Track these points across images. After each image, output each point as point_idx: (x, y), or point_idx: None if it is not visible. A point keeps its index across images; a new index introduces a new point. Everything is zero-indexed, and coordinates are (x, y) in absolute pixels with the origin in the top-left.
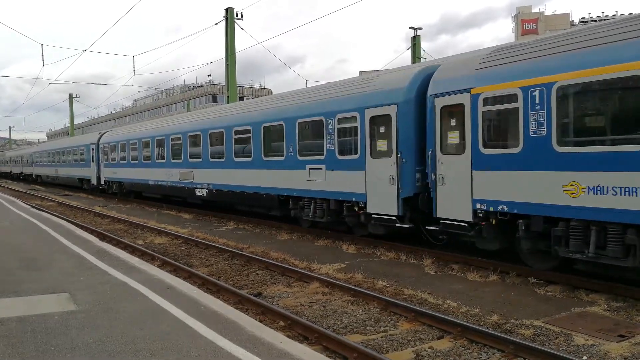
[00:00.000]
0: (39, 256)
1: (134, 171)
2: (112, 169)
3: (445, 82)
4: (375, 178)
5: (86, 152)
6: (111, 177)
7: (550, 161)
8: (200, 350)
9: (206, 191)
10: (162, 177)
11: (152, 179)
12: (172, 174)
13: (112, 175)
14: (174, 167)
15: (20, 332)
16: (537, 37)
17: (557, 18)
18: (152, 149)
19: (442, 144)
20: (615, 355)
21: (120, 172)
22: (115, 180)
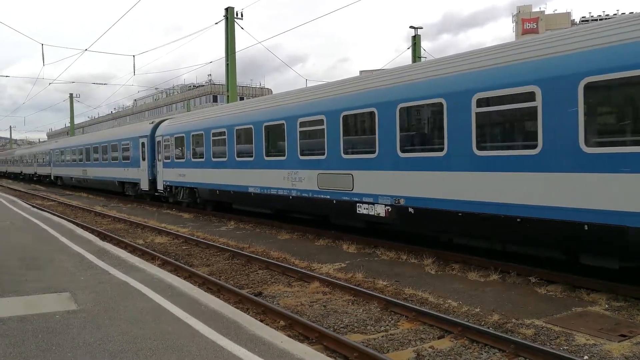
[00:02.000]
0: (40, 256)
1: (220, 173)
2: (179, 169)
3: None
4: None
5: (133, 147)
6: (176, 180)
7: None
8: (200, 350)
9: (388, 208)
10: (278, 182)
11: (256, 185)
12: (302, 178)
13: (177, 178)
14: (306, 168)
15: (22, 331)
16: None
17: (558, 17)
18: (258, 141)
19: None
20: (616, 355)
21: (192, 175)
22: (183, 185)
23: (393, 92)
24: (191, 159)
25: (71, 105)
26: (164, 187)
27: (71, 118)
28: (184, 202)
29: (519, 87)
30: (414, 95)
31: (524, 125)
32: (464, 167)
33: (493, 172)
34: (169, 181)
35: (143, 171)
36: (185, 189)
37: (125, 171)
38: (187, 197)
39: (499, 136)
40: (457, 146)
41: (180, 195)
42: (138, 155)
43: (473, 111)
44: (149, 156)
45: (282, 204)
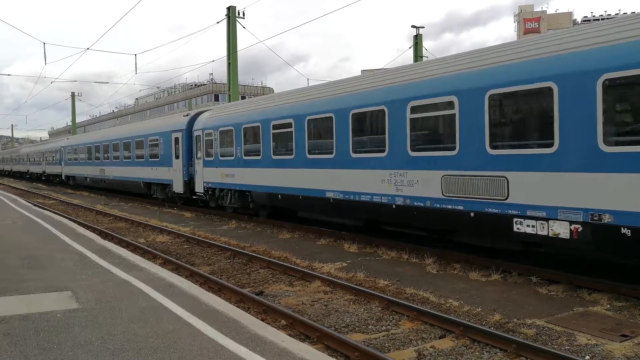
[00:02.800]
0: (41, 254)
1: (283, 173)
2: (226, 169)
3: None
4: None
5: (163, 143)
6: (221, 182)
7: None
8: (202, 349)
9: (578, 227)
10: (373, 185)
11: (338, 189)
12: (414, 181)
13: (223, 179)
14: (420, 168)
15: (23, 330)
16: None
17: (560, 17)
18: (341, 133)
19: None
20: (617, 355)
21: (244, 175)
22: (231, 187)
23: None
24: (242, 156)
25: (73, 104)
26: (204, 190)
27: (73, 117)
28: (229, 208)
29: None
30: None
31: None
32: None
33: None
34: (212, 183)
35: (176, 171)
36: (234, 192)
37: (153, 171)
38: (236, 201)
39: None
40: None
41: (226, 199)
42: (170, 152)
43: None
44: (185, 154)
45: (378, 214)
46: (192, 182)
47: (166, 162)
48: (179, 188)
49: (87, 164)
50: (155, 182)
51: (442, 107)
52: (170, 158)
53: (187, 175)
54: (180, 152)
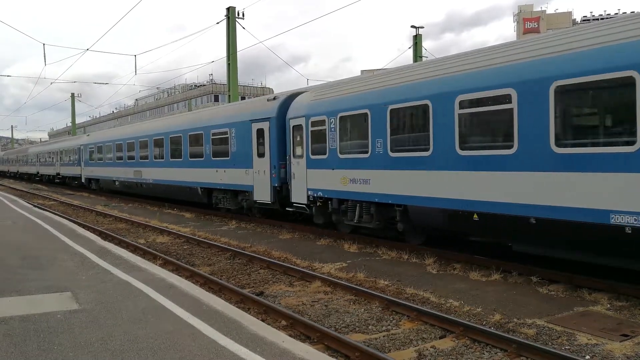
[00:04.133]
0: (42, 255)
1: (489, 180)
2: (351, 171)
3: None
4: None
5: (236, 137)
6: (343, 190)
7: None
8: (202, 349)
9: None
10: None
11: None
12: None
13: (345, 186)
14: None
15: (23, 331)
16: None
17: (559, 17)
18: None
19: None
20: (618, 355)
21: (391, 180)
22: (361, 199)
23: None
24: (388, 152)
25: (72, 104)
26: (309, 199)
27: (72, 117)
28: (347, 227)
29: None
30: None
31: None
32: None
33: None
34: (323, 190)
35: (260, 174)
36: (367, 206)
37: (220, 173)
38: (371, 219)
39: None
40: None
41: (351, 214)
42: (248, 149)
43: None
44: (274, 150)
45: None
46: (284, 189)
47: (241, 161)
48: (264, 196)
49: (116, 164)
50: (222, 188)
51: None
52: (248, 156)
53: (277, 180)
54: (267, 148)
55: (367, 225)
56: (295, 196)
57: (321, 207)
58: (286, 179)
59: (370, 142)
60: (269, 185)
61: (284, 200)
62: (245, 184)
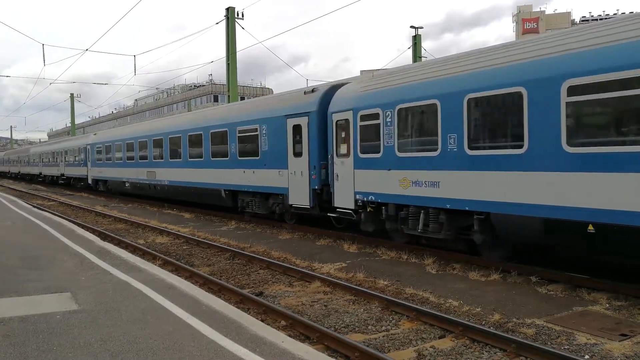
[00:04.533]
0: (41, 255)
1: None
2: (412, 172)
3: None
4: None
5: (268, 134)
6: (402, 194)
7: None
8: (202, 350)
9: None
10: None
11: None
12: None
13: (407, 189)
14: None
15: (23, 331)
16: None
17: (558, 17)
18: None
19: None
20: (617, 354)
21: (468, 182)
22: (427, 204)
23: None
24: (465, 149)
25: (72, 105)
26: (357, 204)
27: (72, 118)
28: (407, 235)
29: None
30: None
31: None
32: None
33: None
34: (376, 194)
35: (297, 175)
36: (437, 213)
37: (248, 174)
38: (440, 228)
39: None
40: None
41: (414, 223)
42: (282, 147)
43: None
44: (314, 149)
45: None
46: (325, 192)
47: (274, 161)
48: (302, 200)
49: (126, 164)
50: (251, 191)
51: None
52: (282, 156)
53: (317, 182)
54: (305, 146)
55: (434, 235)
56: (339, 200)
57: (372, 213)
58: (327, 181)
59: (440, 138)
60: (308, 188)
61: (324, 205)
62: (278, 186)
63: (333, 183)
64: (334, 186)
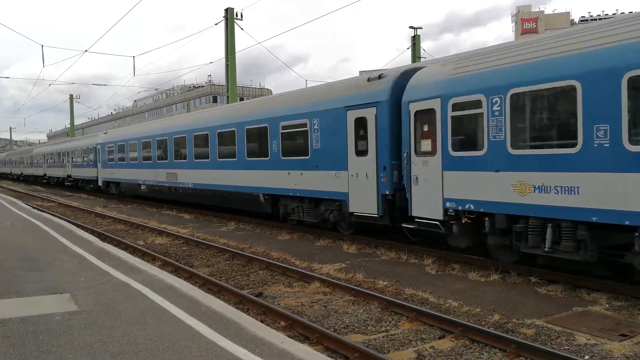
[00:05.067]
0: (40, 256)
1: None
2: (546, 175)
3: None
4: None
5: (322, 129)
6: (519, 202)
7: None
8: (201, 351)
9: None
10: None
11: None
12: None
13: (525, 196)
14: None
15: (22, 332)
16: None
17: (557, 17)
18: None
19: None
20: (617, 355)
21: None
22: (575, 218)
23: None
24: (622, 145)
25: (71, 106)
26: (446, 213)
27: (71, 119)
28: (523, 254)
29: None
30: None
31: None
32: None
33: None
34: (476, 202)
35: (359, 177)
36: (573, 228)
37: (294, 177)
38: (582, 249)
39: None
40: None
41: (540, 238)
42: (339, 144)
43: None
44: (385, 146)
45: None
46: (398, 198)
47: (329, 161)
48: (367, 207)
49: (142, 165)
50: (297, 196)
51: None
52: (340, 155)
53: (388, 186)
54: (372, 143)
55: (568, 256)
56: (420, 208)
57: (469, 225)
58: (401, 184)
59: (580, 130)
60: (375, 193)
61: (397, 213)
62: (334, 191)
63: (410, 187)
64: (411, 191)
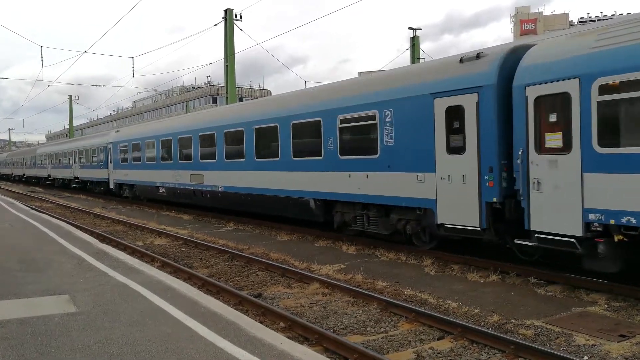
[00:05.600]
0: (39, 258)
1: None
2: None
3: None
4: None
5: (398, 121)
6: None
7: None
8: (200, 352)
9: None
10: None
11: None
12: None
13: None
14: None
15: (21, 334)
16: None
17: (556, 18)
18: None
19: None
20: (616, 355)
21: None
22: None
23: None
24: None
25: (70, 107)
26: (588, 229)
27: (70, 120)
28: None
29: None
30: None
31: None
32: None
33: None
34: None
35: (452, 180)
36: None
37: (356, 179)
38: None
39: None
40: None
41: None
42: (423, 140)
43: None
44: (488, 142)
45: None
46: (509, 208)
47: (406, 160)
48: (464, 217)
49: (161, 166)
50: (360, 202)
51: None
52: (424, 152)
53: (496, 192)
54: (473, 138)
55: None
56: (543, 221)
57: (624, 244)
58: (511, 190)
59: None
60: (476, 200)
61: (506, 227)
62: (414, 197)
63: (527, 194)
64: (528, 199)
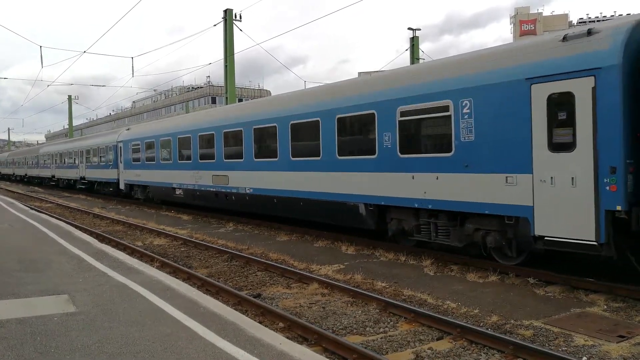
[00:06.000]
0: (39, 258)
1: None
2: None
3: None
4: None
5: (511, 109)
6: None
7: None
8: (199, 352)
9: None
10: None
11: None
12: None
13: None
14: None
15: (20, 333)
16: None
17: (555, 19)
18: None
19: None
20: (615, 356)
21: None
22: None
23: None
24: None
25: (70, 107)
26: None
27: (70, 120)
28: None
29: None
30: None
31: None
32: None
33: None
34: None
35: (557, 183)
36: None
37: (421, 181)
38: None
39: None
40: None
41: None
42: (513, 134)
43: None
44: (609, 137)
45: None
46: (635, 217)
47: (490, 159)
48: (577, 230)
49: (178, 166)
50: (425, 208)
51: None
52: (515, 149)
53: (619, 198)
54: (587, 132)
55: None
56: None
57: None
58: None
59: None
60: (592, 208)
61: (632, 241)
62: (502, 203)
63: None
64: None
